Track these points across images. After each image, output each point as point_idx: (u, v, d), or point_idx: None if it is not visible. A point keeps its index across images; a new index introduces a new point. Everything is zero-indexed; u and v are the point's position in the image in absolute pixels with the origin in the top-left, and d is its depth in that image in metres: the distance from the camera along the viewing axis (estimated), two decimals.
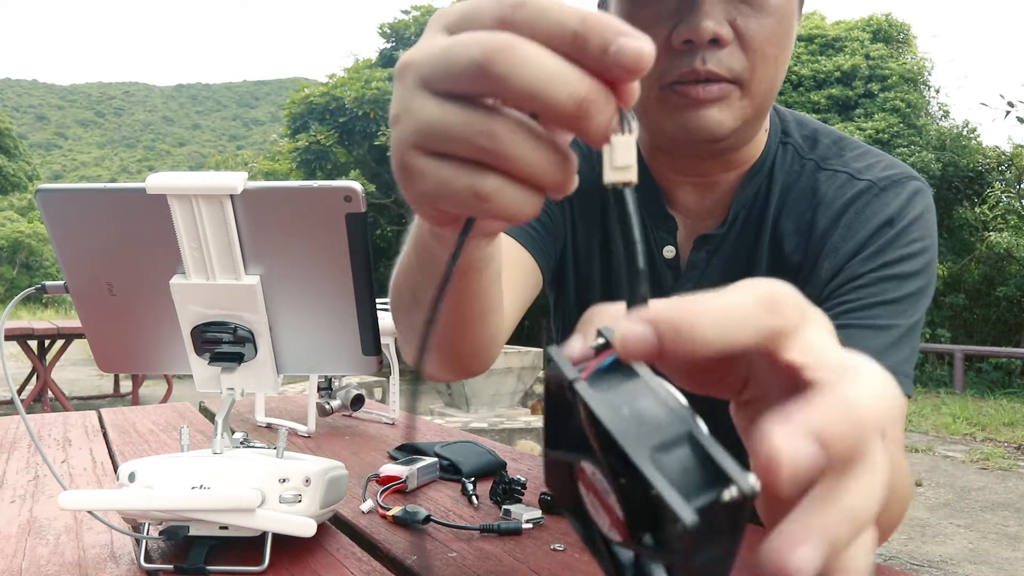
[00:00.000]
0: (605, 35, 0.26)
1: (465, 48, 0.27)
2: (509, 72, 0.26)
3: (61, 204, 0.58)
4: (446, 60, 0.28)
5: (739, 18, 0.68)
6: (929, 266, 0.73)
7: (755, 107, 0.72)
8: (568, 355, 0.28)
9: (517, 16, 0.28)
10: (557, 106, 0.27)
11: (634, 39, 0.26)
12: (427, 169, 0.29)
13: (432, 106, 0.29)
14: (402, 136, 0.30)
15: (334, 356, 0.63)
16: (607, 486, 0.26)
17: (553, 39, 0.27)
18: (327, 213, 0.55)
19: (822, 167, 0.80)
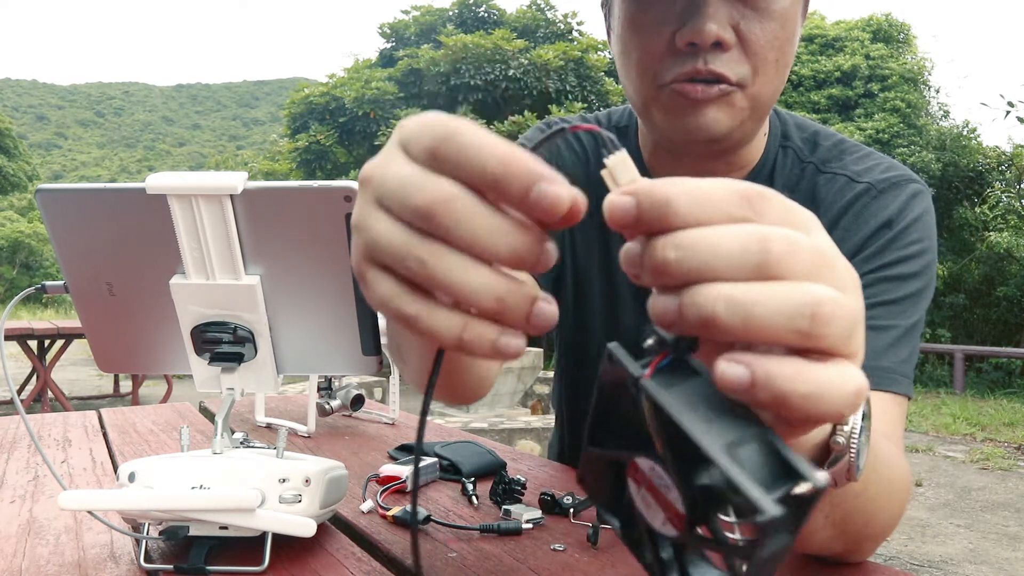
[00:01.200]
0: (524, 181, 0.28)
1: (410, 195, 0.29)
2: (451, 226, 0.28)
3: (61, 204, 0.58)
4: (399, 196, 0.29)
5: (742, 22, 0.68)
6: (928, 267, 0.73)
7: (755, 110, 0.72)
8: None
9: (441, 152, 0.29)
10: (498, 258, 0.29)
11: (551, 184, 0.28)
12: (373, 282, 0.31)
13: (382, 223, 0.30)
14: (356, 246, 0.32)
15: (334, 356, 0.63)
16: (668, 481, 0.27)
17: (474, 179, 0.28)
18: (327, 213, 0.55)
19: (822, 170, 0.80)
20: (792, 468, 0.24)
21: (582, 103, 11.84)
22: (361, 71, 13.27)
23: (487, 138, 0.29)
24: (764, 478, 0.24)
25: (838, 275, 0.28)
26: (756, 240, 0.27)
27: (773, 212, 0.28)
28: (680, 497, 0.27)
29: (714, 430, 0.25)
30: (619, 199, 0.28)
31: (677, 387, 0.27)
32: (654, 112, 0.73)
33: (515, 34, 12.64)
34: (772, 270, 0.27)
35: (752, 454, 0.25)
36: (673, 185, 0.28)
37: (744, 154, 0.79)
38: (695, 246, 0.27)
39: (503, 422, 4.44)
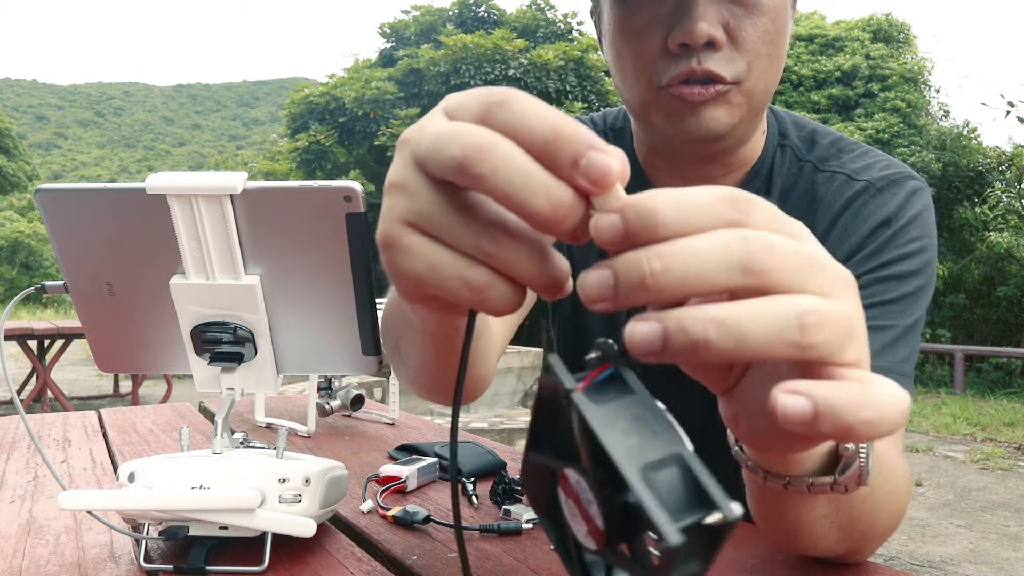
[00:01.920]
0: (575, 148, 0.27)
1: (447, 143, 0.28)
2: (485, 175, 0.27)
3: (61, 204, 0.58)
4: (434, 149, 0.29)
5: (732, 20, 0.68)
6: (928, 265, 0.73)
7: (752, 106, 0.72)
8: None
9: (495, 117, 0.28)
10: (532, 210, 0.27)
11: (603, 154, 0.27)
12: (419, 249, 0.30)
13: (429, 192, 0.29)
14: (395, 209, 0.30)
15: (334, 356, 0.63)
16: (591, 496, 0.27)
17: (526, 145, 0.28)
18: (327, 213, 0.55)
19: (820, 169, 0.80)
20: (705, 495, 0.24)
21: (582, 103, 11.84)
22: (361, 71, 13.27)
23: (539, 104, 0.28)
24: (677, 504, 0.24)
25: (828, 277, 0.28)
26: (739, 240, 0.26)
27: (760, 216, 0.28)
28: (599, 512, 0.26)
29: (635, 450, 0.25)
30: (604, 218, 0.27)
31: (608, 403, 0.27)
32: (652, 116, 0.73)
33: (515, 34, 12.64)
34: (756, 272, 0.26)
35: (670, 478, 0.25)
36: (659, 196, 0.27)
37: (741, 154, 0.79)
38: (679, 255, 0.26)
39: (503, 422, 4.44)
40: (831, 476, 0.44)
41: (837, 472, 0.44)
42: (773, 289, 0.26)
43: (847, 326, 0.27)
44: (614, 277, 0.27)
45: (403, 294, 0.33)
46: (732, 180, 0.80)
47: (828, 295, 0.27)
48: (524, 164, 0.27)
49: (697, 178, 0.80)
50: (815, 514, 0.50)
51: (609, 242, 0.27)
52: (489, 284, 0.29)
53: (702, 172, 0.79)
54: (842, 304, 0.27)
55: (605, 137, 0.89)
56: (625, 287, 0.27)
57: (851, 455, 0.44)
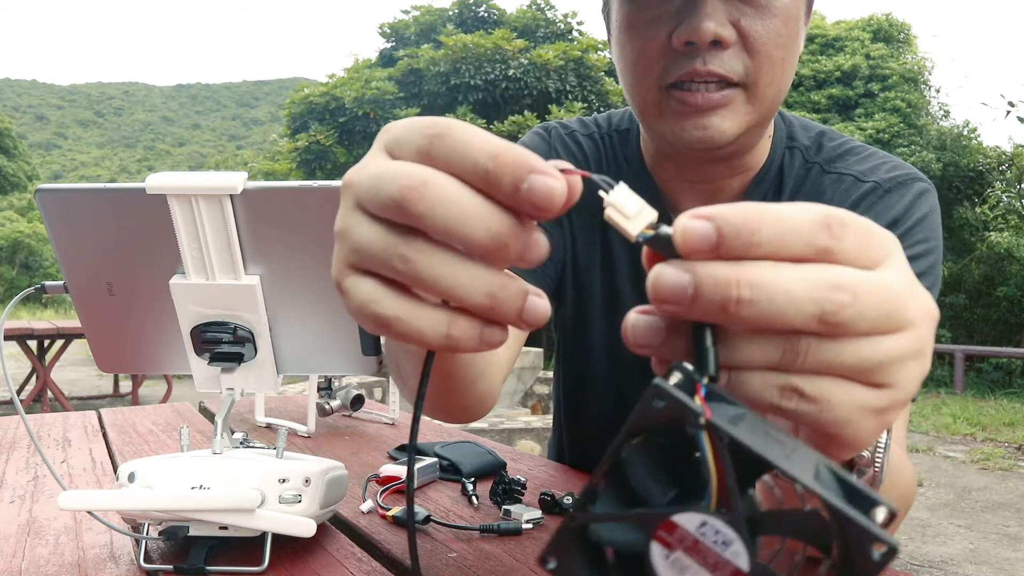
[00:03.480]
0: (516, 173, 0.27)
1: (387, 184, 0.28)
2: (424, 212, 0.27)
3: (61, 204, 0.58)
4: (373, 190, 0.29)
5: (742, 19, 0.67)
6: (934, 267, 0.73)
7: (760, 112, 0.70)
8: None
9: (434, 149, 0.29)
10: (473, 242, 0.28)
11: (544, 177, 0.27)
12: (351, 288, 0.30)
13: (365, 228, 0.30)
14: (337, 253, 0.31)
15: (334, 356, 0.63)
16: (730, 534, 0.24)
17: (467, 175, 0.28)
18: (327, 213, 0.55)
19: (827, 170, 0.79)
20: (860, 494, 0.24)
21: (582, 103, 11.83)
22: (361, 71, 13.27)
23: (478, 133, 0.28)
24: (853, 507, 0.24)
25: (906, 315, 0.28)
26: (827, 288, 0.26)
27: (852, 242, 0.27)
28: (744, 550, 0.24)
29: (798, 466, 0.24)
30: (696, 224, 0.26)
31: (739, 423, 0.25)
32: (654, 118, 0.72)
33: (515, 34, 12.64)
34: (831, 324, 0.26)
35: (830, 484, 0.24)
36: (758, 212, 0.26)
37: (749, 158, 0.78)
38: (772, 289, 0.25)
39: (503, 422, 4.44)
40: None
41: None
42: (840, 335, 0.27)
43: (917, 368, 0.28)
44: (695, 287, 0.26)
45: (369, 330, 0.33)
46: (739, 183, 0.80)
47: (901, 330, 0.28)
48: (460, 198, 0.27)
49: (704, 180, 0.79)
50: None
51: (695, 251, 0.26)
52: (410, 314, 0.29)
53: (709, 174, 0.79)
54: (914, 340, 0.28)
55: (609, 139, 0.88)
56: (705, 302, 0.26)
57: (866, 462, 0.43)
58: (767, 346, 0.27)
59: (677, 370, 0.26)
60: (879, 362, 0.27)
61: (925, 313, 0.29)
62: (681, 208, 0.82)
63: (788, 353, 0.27)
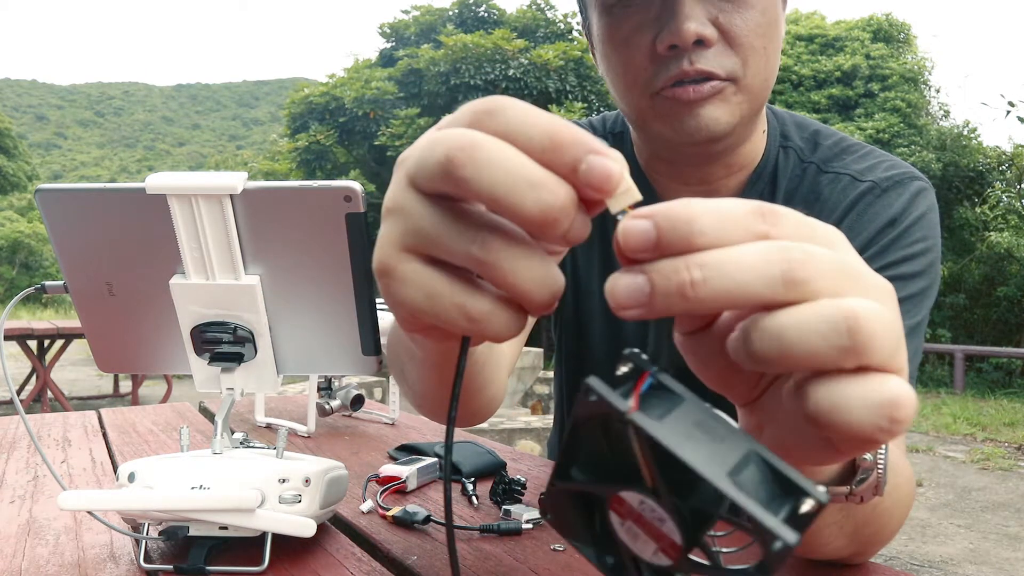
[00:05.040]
0: (574, 153, 0.26)
1: (433, 148, 0.27)
2: (471, 175, 0.26)
3: (61, 204, 0.58)
4: (422, 159, 0.27)
5: (721, 15, 0.67)
6: (932, 266, 0.73)
7: (751, 101, 0.71)
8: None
9: (486, 125, 0.27)
10: (521, 212, 0.26)
11: (603, 158, 0.26)
12: (415, 276, 0.28)
13: (423, 208, 0.28)
14: (390, 234, 0.29)
15: (334, 356, 0.63)
16: (663, 514, 0.26)
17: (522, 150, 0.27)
18: (327, 213, 0.55)
19: (824, 170, 0.79)
20: (792, 484, 0.24)
21: (582, 103, 11.84)
22: (361, 71, 13.28)
23: (532, 110, 0.27)
24: (770, 500, 0.24)
25: (867, 287, 0.27)
26: (778, 251, 0.25)
27: (789, 226, 0.27)
28: (676, 528, 0.26)
29: (716, 458, 0.25)
30: (636, 223, 0.26)
31: (667, 417, 0.26)
32: (650, 123, 0.73)
33: (515, 34, 12.65)
34: (798, 282, 0.25)
35: (755, 476, 0.25)
36: (692, 205, 0.26)
37: (743, 155, 0.78)
38: (721, 265, 0.25)
39: (503, 422, 4.44)
40: (847, 487, 0.43)
41: (854, 483, 0.43)
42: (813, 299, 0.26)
43: (895, 332, 0.26)
44: (650, 284, 0.26)
45: (402, 324, 0.31)
46: (735, 182, 0.80)
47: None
48: (510, 162, 0.26)
49: (699, 181, 0.79)
50: (824, 521, 0.49)
51: (637, 249, 0.26)
52: (488, 312, 0.28)
53: (704, 174, 0.79)
54: (889, 311, 0.26)
55: (605, 141, 0.88)
56: (662, 295, 0.26)
57: (869, 465, 0.43)
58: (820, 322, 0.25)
59: (627, 359, 0.27)
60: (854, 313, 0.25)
61: (884, 286, 0.28)
62: None
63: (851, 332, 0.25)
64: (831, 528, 0.50)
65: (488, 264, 0.27)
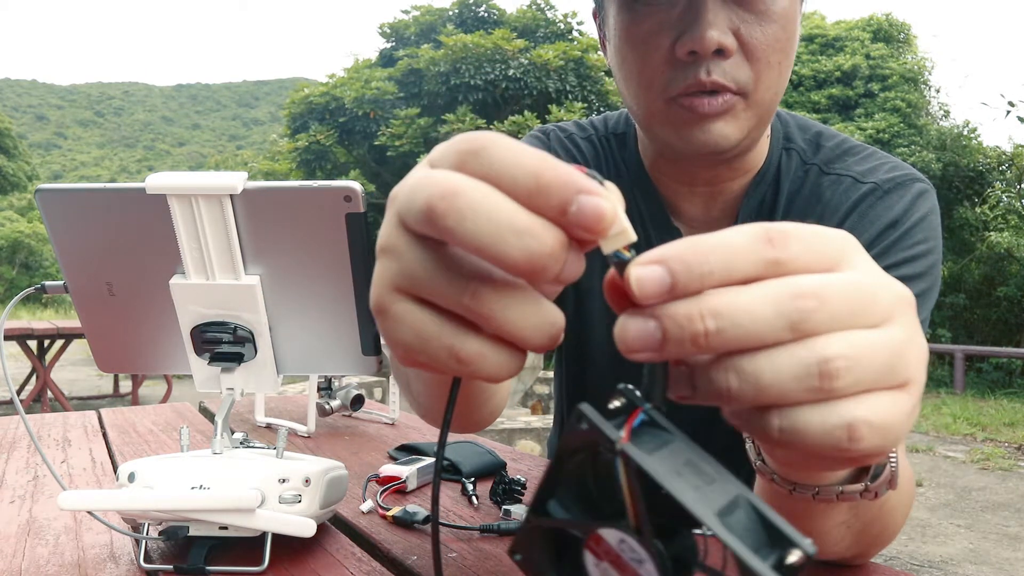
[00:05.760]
0: (563, 195, 0.25)
1: (418, 192, 0.26)
2: (454, 225, 0.25)
3: (61, 204, 0.58)
4: (408, 202, 0.27)
5: (743, 27, 0.66)
6: (933, 268, 0.73)
7: (759, 116, 0.71)
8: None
9: (471, 166, 0.26)
10: (506, 261, 0.25)
11: (594, 198, 0.25)
12: (406, 317, 0.28)
13: (413, 251, 0.27)
14: (383, 274, 0.29)
15: (334, 356, 0.63)
16: (642, 554, 0.25)
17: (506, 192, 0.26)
18: (327, 213, 0.55)
19: (826, 171, 0.79)
20: (779, 533, 0.24)
21: (582, 103, 11.84)
22: (361, 71, 13.28)
23: (519, 149, 0.26)
24: (756, 546, 0.24)
25: (879, 308, 0.27)
26: (789, 298, 0.26)
27: (797, 249, 0.27)
28: (655, 571, 0.25)
29: (705, 498, 0.24)
30: (649, 272, 0.25)
31: (658, 452, 0.25)
32: (659, 127, 0.72)
33: (515, 34, 12.65)
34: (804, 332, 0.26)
35: (744, 520, 0.24)
36: (700, 245, 0.26)
37: (748, 159, 0.78)
38: (733, 315, 0.25)
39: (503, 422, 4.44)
40: (862, 483, 0.43)
41: (869, 479, 0.43)
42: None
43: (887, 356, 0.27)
44: (662, 331, 0.26)
45: (398, 359, 0.30)
46: (738, 185, 0.79)
47: (878, 326, 0.27)
48: (494, 210, 0.25)
49: (704, 183, 0.79)
50: (834, 521, 0.49)
51: (652, 297, 0.26)
52: (478, 354, 0.27)
53: (709, 177, 0.79)
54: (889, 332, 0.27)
55: (607, 142, 0.88)
56: (675, 342, 0.26)
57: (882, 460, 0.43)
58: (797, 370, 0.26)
59: (620, 394, 0.27)
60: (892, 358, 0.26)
61: (900, 299, 0.28)
62: (681, 211, 0.82)
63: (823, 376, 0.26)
64: (840, 528, 0.50)
65: (480, 314, 0.27)
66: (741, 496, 0.25)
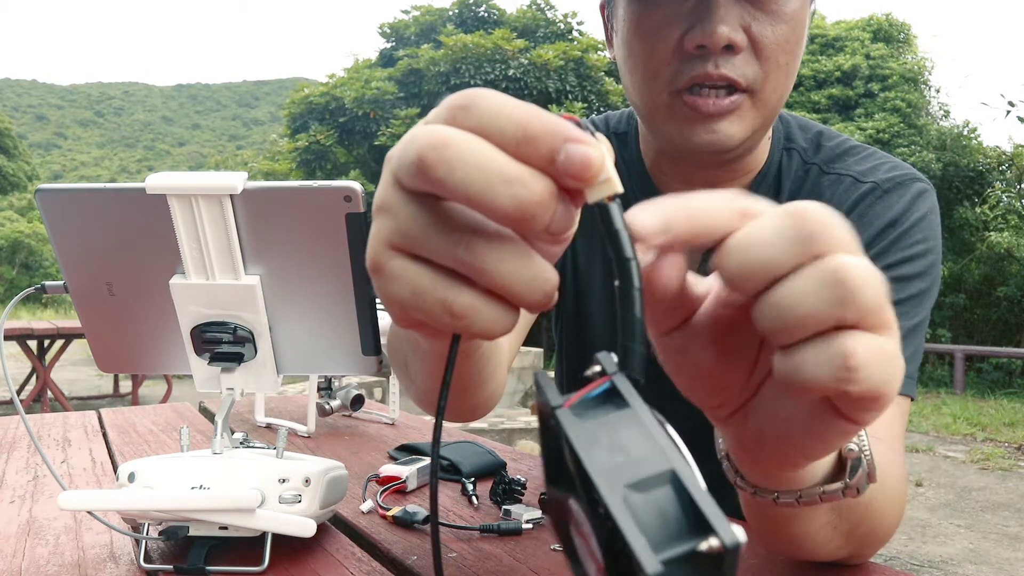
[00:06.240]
0: (550, 143, 0.25)
1: (409, 145, 0.27)
2: (444, 175, 0.25)
3: (61, 204, 0.58)
4: (402, 157, 0.27)
5: (754, 24, 0.66)
6: (933, 267, 0.73)
7: (764, 117, 0.71)
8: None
9: (460, 120, 0.27)
10: (495, 209, 0.25)
11: (581, 144, 0.25)
12: (401, 273, 0.28)
13: (408, 207, 0.28)
14: (379, 232, 0.29)
15: (334, 356, 0.63)
16: (590, 527, 0.24)
17: (498, 143, 0.26)
18: (327, 213, 0.55)
19: (826, 171, 0.79)
20: (702, 519, 0.21)
21: (582, 103, 11.84)
22: (361, 71, 13.28)
23: (506, 101, 0.26)
24: (668, 528, 0.21)
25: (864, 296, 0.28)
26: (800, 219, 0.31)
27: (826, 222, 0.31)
28: (597, 544, 0.23)
29: (620, 468, 0.22)
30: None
31: (597, 419, 0.24)
32: (662, 121, 0.72)
33: (515, 34, 12.65)
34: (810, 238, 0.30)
35: (660, 499, 0.22)
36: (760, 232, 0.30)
37: (750, 160, 0.78)
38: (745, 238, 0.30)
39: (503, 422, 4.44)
40: (841, 481, 0.43)
41: (847, 475, 0.43)
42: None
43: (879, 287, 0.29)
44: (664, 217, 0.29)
45: (394, 320, 0.31)
46: (740, 185, 0.79)
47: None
48: (482, 159, 0.25)
49: (704, 183, 0.79)
50: (819, 523, 0.49)
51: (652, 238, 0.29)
52: (472, 307, 0.27)
53: (710, 177, 0.78)
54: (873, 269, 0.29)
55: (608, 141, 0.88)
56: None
57: (856, 454, 0.43)
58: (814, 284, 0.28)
59: (596, 361, 0.26)
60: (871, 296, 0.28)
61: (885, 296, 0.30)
62: None
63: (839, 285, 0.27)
64: (826, 528, 0.50)
65: (474, 267, 0.27)
66: (672, 472, 0.22)
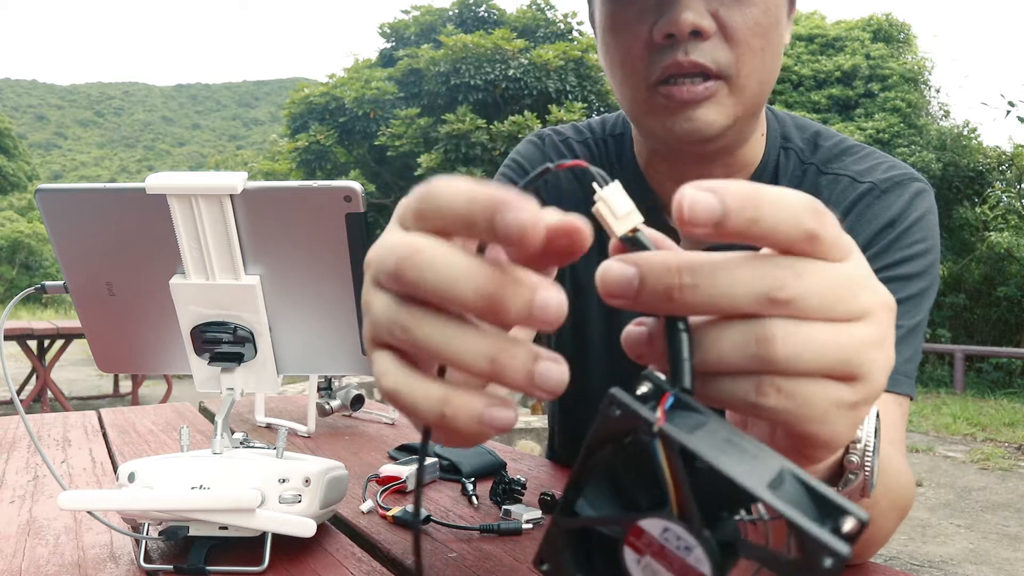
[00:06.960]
0: (487, 213, 0.26)
1: (387, 256, 0.28)
2: (417, 279, 0.27)
3: (61, 204, 0.58)
4: (381, 265, 0.29)
5: (721, 9, 0.67)
6: (931, 267, 0.73)
7: (745, 104, 0.70)
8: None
9: (422, 210, 0.28)
10: (464, 303, 0.26)
11: (514, 210, 0.25)
12: (374, 360, 0.30)
13: (378, 300, 0.29)
14: (367, 330, 0.31)
15: (334, 356, 0.63)
16: (690, 541, 0.24)
17: (450, 229, 0.27)
18: (327, 213, 0.55)
19: (823, 171, 0.79)
20: (829, 503, 0.23)
21: (582, 103, 11.84)
22: (361, 71, 13.28)
23: (459, 182, 0.27)
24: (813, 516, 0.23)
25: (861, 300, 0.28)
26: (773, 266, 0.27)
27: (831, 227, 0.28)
28: (705, 556, 0.24)
29: (753, 472, 0.24)
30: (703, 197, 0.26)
31: (697, 431, 0.25)
32: (644, 116, 0.72)
33: (515, 34, 12.65)
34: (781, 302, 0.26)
35: (791, 492, 0.24)
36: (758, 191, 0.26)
37: (743, 155, 0.78)
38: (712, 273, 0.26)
39: None
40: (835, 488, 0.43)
41: (840, 485, 0.43)
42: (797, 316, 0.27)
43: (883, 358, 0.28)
44: (639, 279, 0.26)
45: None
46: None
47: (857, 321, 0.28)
48: (446, 261, 0.26)
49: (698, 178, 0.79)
50: None
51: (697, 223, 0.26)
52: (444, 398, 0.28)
53: (703, 174, 0.78)
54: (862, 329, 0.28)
55: (603, 144, 0.88)
56: (649, 293, 0.26)
57: (855, 466, 0.43)
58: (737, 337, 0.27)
59: (646, 380, 0.26)
60: (845, 351, 0.27)
61: (882, 302, 0.29)
62: None
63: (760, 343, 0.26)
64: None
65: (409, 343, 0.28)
66: (786, 469, 0.24)
